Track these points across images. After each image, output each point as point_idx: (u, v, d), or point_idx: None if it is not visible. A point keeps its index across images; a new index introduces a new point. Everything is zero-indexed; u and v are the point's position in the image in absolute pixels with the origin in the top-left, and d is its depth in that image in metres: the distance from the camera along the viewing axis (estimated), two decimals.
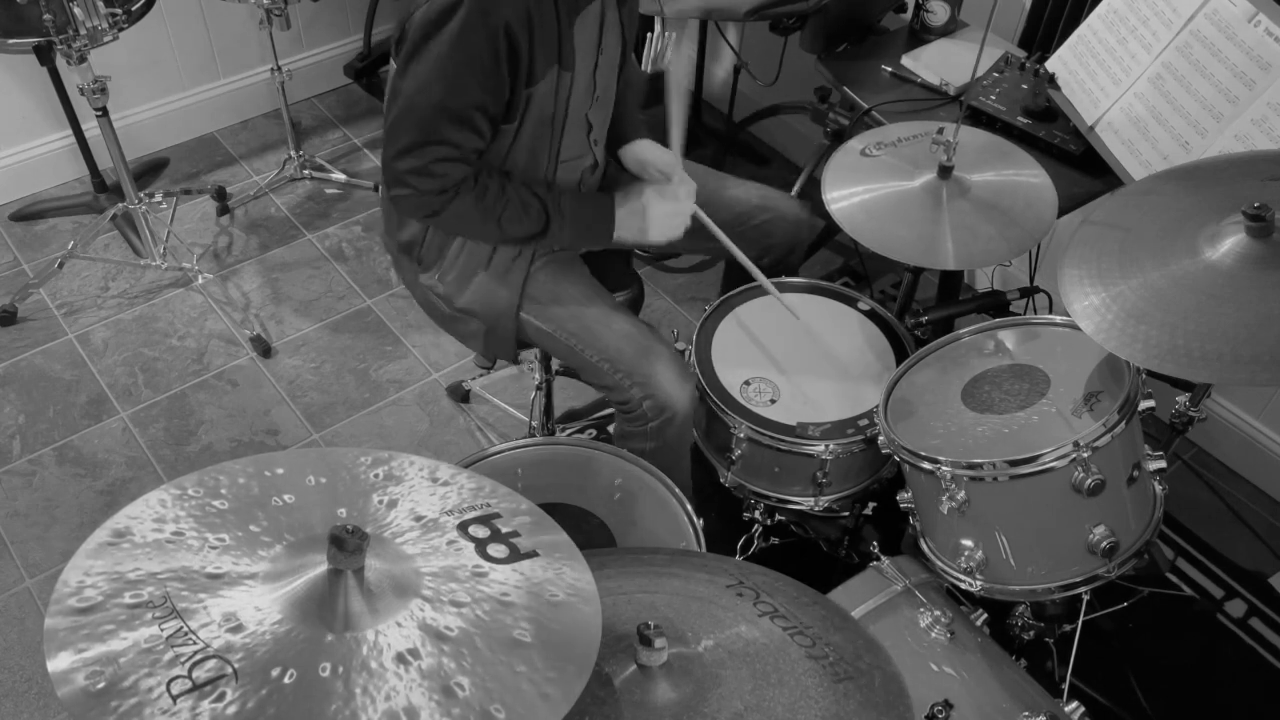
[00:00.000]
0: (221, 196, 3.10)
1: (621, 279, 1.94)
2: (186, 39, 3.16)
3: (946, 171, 1.76)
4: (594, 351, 1.81)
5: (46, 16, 2.33)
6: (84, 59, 2.41)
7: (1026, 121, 2.04)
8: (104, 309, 2.82)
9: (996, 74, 2.14)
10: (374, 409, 2.61)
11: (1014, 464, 1.49)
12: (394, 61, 1.63)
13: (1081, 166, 1.98)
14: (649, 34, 2.55)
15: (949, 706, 1.41)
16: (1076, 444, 1.46)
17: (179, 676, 0.86)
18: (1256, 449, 2.48)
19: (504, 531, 1.07)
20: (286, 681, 0.87)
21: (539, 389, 2.23)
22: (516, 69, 1.57)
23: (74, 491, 2.41)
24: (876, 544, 1.70)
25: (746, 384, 1.85)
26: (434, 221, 1.72)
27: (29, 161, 3.08)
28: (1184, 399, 1.82)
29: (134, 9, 2.51)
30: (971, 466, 1.52)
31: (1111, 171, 1.92)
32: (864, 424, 1.78)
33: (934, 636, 1.56)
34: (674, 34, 1.87)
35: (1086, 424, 1.51)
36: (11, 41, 2.41)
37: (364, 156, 3.34)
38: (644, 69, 2.57)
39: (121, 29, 2.47)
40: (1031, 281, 2.23)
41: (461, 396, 2.62)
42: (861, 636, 1.17)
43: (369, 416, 2.59)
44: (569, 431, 2.46)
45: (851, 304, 1.99)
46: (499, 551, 1.04)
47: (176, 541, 0.98)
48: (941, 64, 2.20)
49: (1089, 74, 2.01)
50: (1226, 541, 2.36)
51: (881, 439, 1.66)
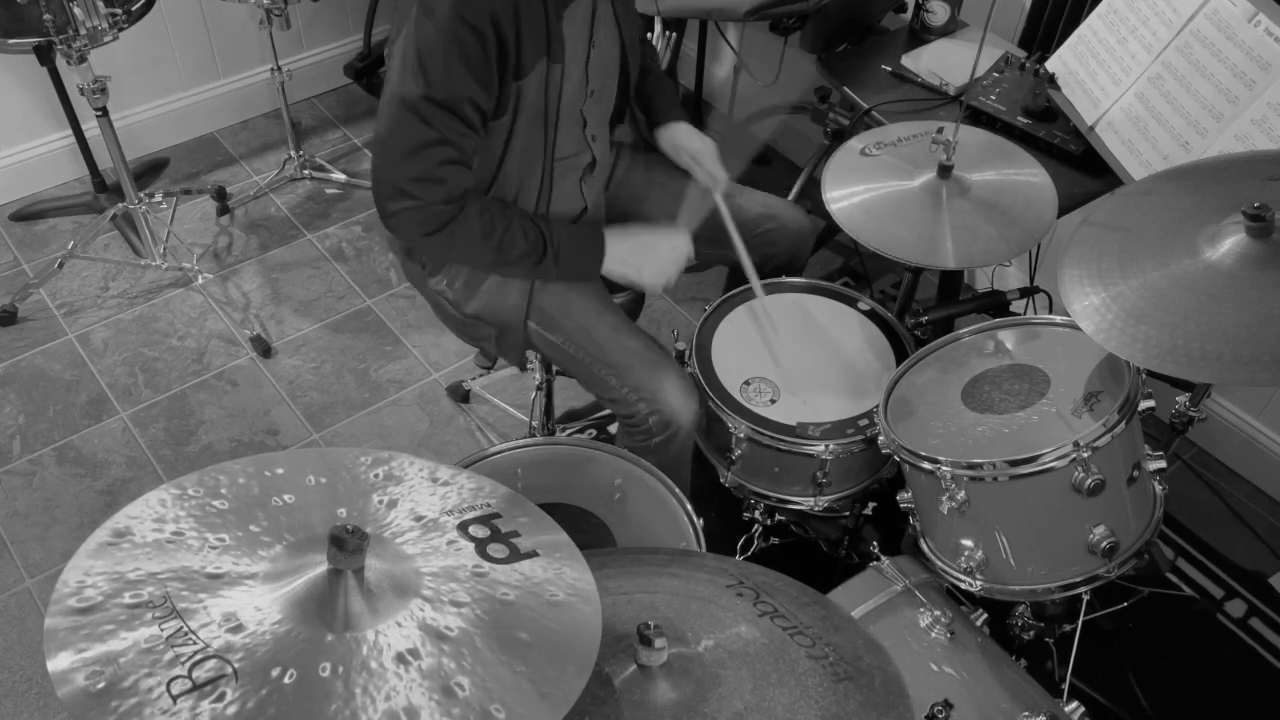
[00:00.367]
0: (221, 196, 3.10)
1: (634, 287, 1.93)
2: (186, 39, 3.16)
3: (946, 171, 1.76)
4: (601, 365, 1.81)
5: (46, 16, 2.33)
6: (84, 59, 2.41)
7: (1026, 121, 2.04)
8: (104, 309, 2.82)
9: (996, 74, 2.14)
10: (374, 409, 2.61)
11: (1014, 464, 1.49)
12: (387, 62, 1.64)
13: (1081, 166, 1.98)
14: (649, 34, 2.55)
15: (949, 706, 1.41)
16: (1076, 444, 1.46)
17: (179, 676, 0.86)
18: (1256, 449, 2.48)
19: (504, 531, 1.07)
20: (286, 681, 0.87)
21: (539, 389, 2.23)
22: (504, 61, 1.57)
23: (74, 491, 2.41)
24: (876, 544, 1.70)
25: (746, 384, 1.85)
26: (432, 241, 1.67)
27: (29, 161, 3.08)
28: (1184, 399, 1.82)
29: (134, 9, 2.51)
30: (971, 466, 1.52)
31: (1111, 171, 1.92)
32: (864, 424, 1.78)
33: (934, 636, 1.56)
34: (702, 188, 1.88)
35: (1086, 424, 1.51)
36: (11, 41, 2.41)
37: (364, 156, 3.33)
38: None
39: (121, 29, 2.47)
40: (1031, 281, 2.23)
41: (461, 396, 2.62)
42: (861, 636, 1.17)
43: (369, 416, 2.59)
44: (569, 431, 2.46)
45: (851, 304, 1.98)
46: (499, 551, 1.05)
47: (176, 541, 0.98)
48: (941, 64, 2.20)
49: (1089, 74, 2.01)
50: (1226, 541, 2.36)
51: (881, 439, 1.66)
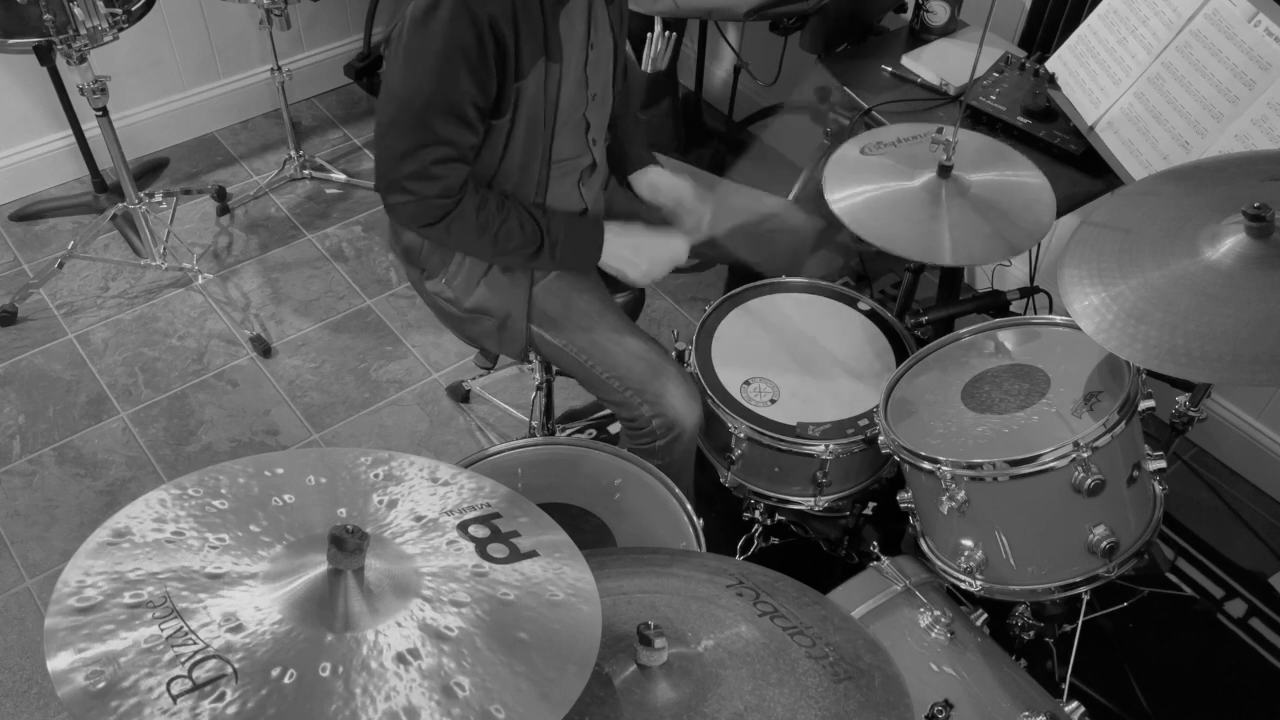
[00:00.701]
0: (221, 196, 3.10)
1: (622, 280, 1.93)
2: (186, 39, 3.16)
3: (946, 171, 1.76)
4: (604, 369, 1.81)
5: (46, 16, 2.33)
6: (84, 59, 2.41)
7: (1026, 121, 2.04)
8: (104, 309, 2.82)
9: (996, 74, 2.14)
10: (374, 409, 2.61)
11: (1014, 464, 1.49)
12: (385, 62, 1.63)
13: (1081, 166, 1.98)
14: (649, 34, 2.55)
15: (949, 706, 1.41)
16: (1076, 444, 1.46)
17: (179, 676, 0.86)
18: (1256, 449, 2.48)
19: (504, 531, 1.07)
20: (286, 681, 0.87)
21: (539, 389, 2.23)
22: (504, 62, 1.57)
23: (74, 491, 2.41)
24: (876, 544, 1.70)
25: (746, 384, 1.85)
26: (430, 232, 1.69)
27: (29, 161, 3.08)
28: (1184, 399, 1.82)
29: (134, 9, 2.51)
30: (971, 466, 1.52)
31: (1111, 171, 1.92)
32: (864, 424, 1.78)
33: (934, 636, 1.56)
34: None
35: (1086, 424, 1.51)
36: (11, 41, 2.41)
37: (364, 156, 3.33)
38: (644, 69, 2.58)
39: (121, 29, 2.47)
40: (1031, 281, 2.23)
41: (461, 396, 2.62)
42: (861, 636, 1.17)
43: (369, 416, 2.59)
44: (569, 431, 2.46)
45: (851, 304, 1.99)
46: (499, 551, 1.05)
47: (176, 541, 0.98)
48: (941, 64, 2.20)
49: (1089, 74, 2.01)
50: (1226, 541, 2.36)
51: (881, 439, 1.66)
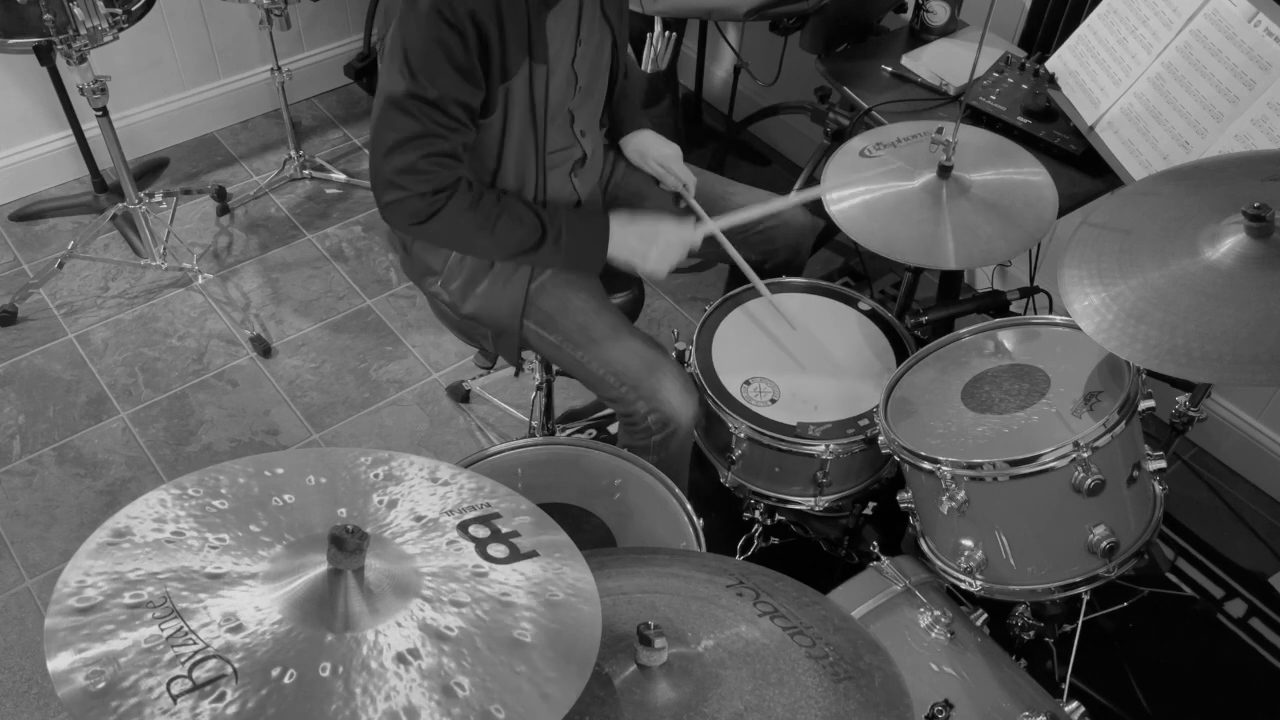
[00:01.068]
0: (221, 196, 3.10)
1: (622, 280, 1.93)
2: (186, 39, 3.16)
3: (946, 171, 1.76)
4: (600, 364, 1.81)
5: (46, 16, 2.33)
6: (84, 59, 2.41)
7: (1026, 121, 2.04)
8: (104, 309, 2.82)
9: (996, 74, 2.14)
10: (374, 409, 2.61)
11: (1014, 464, 1.49)
12: (378, 57, 1.64)
13: (1081, 166, 1.98)
14: (649, 34, 2.55)
15: (949, 706, 1.41)
16: (1076, 444, 1.46)
17: (179, 676, 0.86)
18: (1256, 449, 2.48)
19: (504, 531, 1.07)
20: (286, 681, 0.87)
21: (539, 389, 2.23)
22: (488, 61, 1.57)
23: (74, 491, 2.41)
24: (876, 544, 1.70)
25: (746, 384, 1.85)
26: (423, 230, 1.67)
27: (29, 161, 3.08)
28: (1184, 399, 1.82)
29: (134, 9, 2.51)
30: (971, 466, 1.52)
31: (1111, 171, 1.92)
32: (864, 424, 1.78)
33: (934, 636, 1.56)
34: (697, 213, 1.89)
35: (1086, 424, 1.51)
36: (11, 41, 2.41)
37: (364, 156, 3.33)
38: (644, 69, 2.58)
39: (121, 29, 2.47)
40: (1031, 281, 2.23)
41: (461, 396, 2.62)
42: (861, 636, 1.17)
43: (369, 416, 2.59)
44: (569, 431, 2.46)
45: (851, 304, 1.98)
46: (499, 551, 1.04)
47: (176, 541, 0.98)
48: (941, 64, 2.20)
49: (1089, 74, 2.01)
50: (1226, 541, 2.36)
51: (881, 439, 1.66)
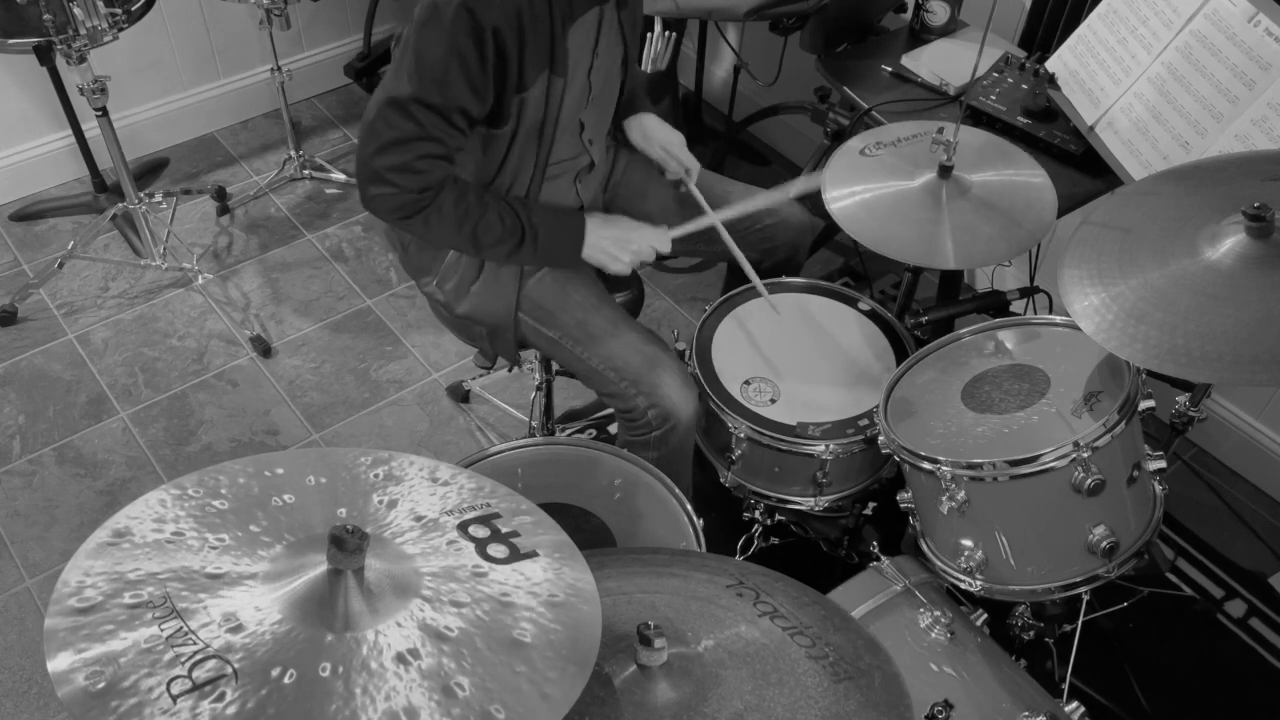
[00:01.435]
0: (221, 196, 3.10)
1: (621, 279, 1.93)
2: (186, 39, 3.16)
3: (946, 171, 1.76)
4: (599, 359, 1.81)
5: (46, 16, 2.33)
6: (84, 59, 2.41)
7: (1026, 121, 2.04)
8: (104, 309, 2.82)
9: (996, 74, 2.14)
10: (374, 409, 2.61)
11: (1014, 464, 1.49)
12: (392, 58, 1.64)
13: (1081, 166, 1.98)
14: (649, 34, 2.55)
15: (949, 706, 1.41)
16: (1076, 444, 1.46)
17: (179, 676, 0.86)
18: (1256, 449, 2.48)
19: (504, 531, 1.07)
20: (286, 681, 0.87)
21: (539, 389, 2.23)
22: (505, 74, 1.56)
23: (74, 491, 2.41)
24: (876, 544, 1.70)
25: (746, 384, 1.85)
26: (407, 225, 1.67)
27: (29, 161, 3.08)
28: (1184, 399, 1.81)
29: (134, 9, 2.51)
30: (971, 466, 1.52)
31: (1111, 171, 1.92)
32: (864, 424, 1.78)
33: (934, 636, 1.56)
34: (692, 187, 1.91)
35: (1086, 424, 1.51)
36: (11, 41, 2.41)
37: None
38: (644, 69, 2.58)
39: (121, 29, 2.47)
40: (1031, 281, 2.23)
41: (461, 396, 2.62)
42: (861, 636, 1.17)
43: (369, 416, 2.59)
44: (569, 431, 2.46)
45: (851, 304, 1.99)
46: (499, 551, 1.04)
47: (176, 541, 0.98)
48: (941, 64, 2.20)
49: (1089, 74, 2.01)
50: (1226, 541, 2.36)
51: (881, 439, 1.66)
